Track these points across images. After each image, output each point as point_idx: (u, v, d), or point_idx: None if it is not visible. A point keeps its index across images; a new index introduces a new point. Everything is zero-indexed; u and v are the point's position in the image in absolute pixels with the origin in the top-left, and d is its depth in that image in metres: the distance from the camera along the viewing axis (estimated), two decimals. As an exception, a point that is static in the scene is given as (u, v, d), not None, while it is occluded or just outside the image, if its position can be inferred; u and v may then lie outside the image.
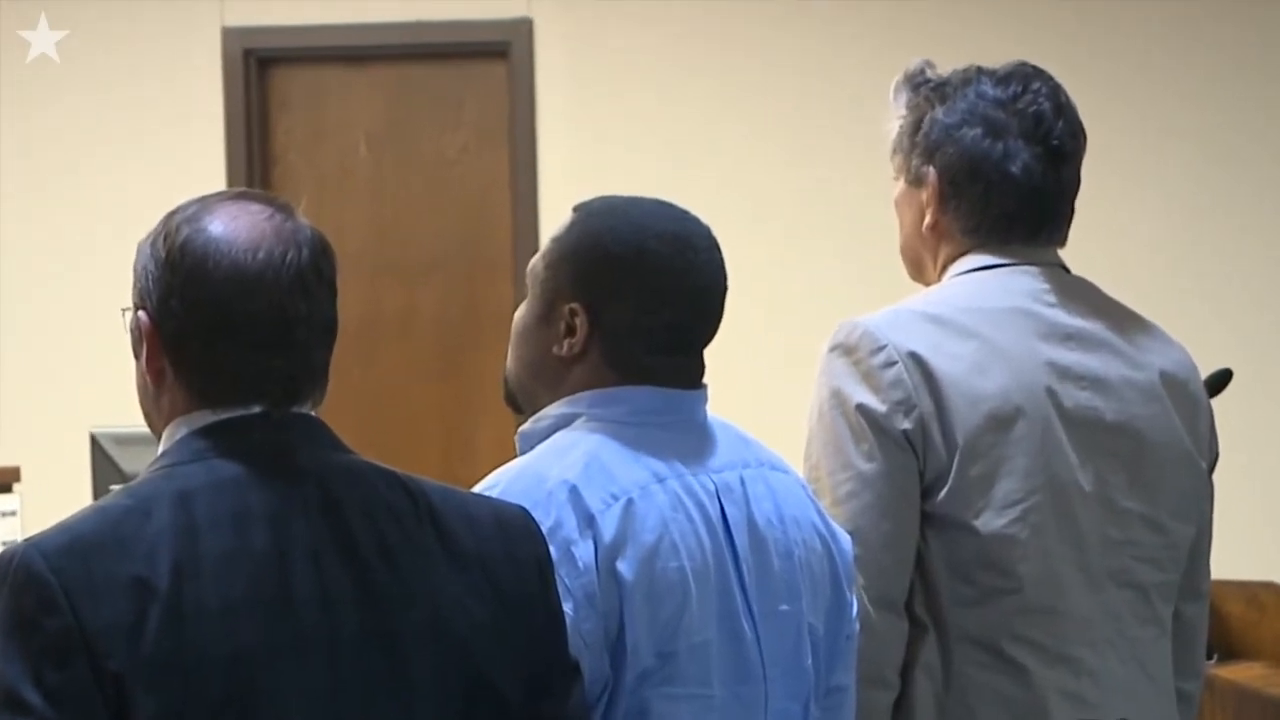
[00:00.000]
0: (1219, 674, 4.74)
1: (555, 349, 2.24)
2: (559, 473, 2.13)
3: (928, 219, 2.60)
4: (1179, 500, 2.57)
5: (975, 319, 2.51)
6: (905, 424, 2.44)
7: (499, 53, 6.31)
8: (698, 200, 2.43)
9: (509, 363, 2.32)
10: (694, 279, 2.22)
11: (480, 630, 1.89)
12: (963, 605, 2.47)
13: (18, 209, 6.39)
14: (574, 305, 2.22)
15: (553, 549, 2.01)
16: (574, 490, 2.11)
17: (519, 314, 2.30)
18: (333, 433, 1.93)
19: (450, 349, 6.39)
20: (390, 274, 6.38)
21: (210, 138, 6.33)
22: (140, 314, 1.90)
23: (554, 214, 5.10)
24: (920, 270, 2.67)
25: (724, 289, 2.26)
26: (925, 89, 2.63)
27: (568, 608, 2.01)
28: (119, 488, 1.90)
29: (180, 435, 1.89)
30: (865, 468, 2.45)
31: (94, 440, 4.06)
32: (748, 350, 5.48)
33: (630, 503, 2.12)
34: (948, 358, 2.47)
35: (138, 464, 3.59)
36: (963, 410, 2.45)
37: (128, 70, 6.34)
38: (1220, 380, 3.14)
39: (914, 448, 2.45)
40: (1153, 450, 2.55)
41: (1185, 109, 6.04)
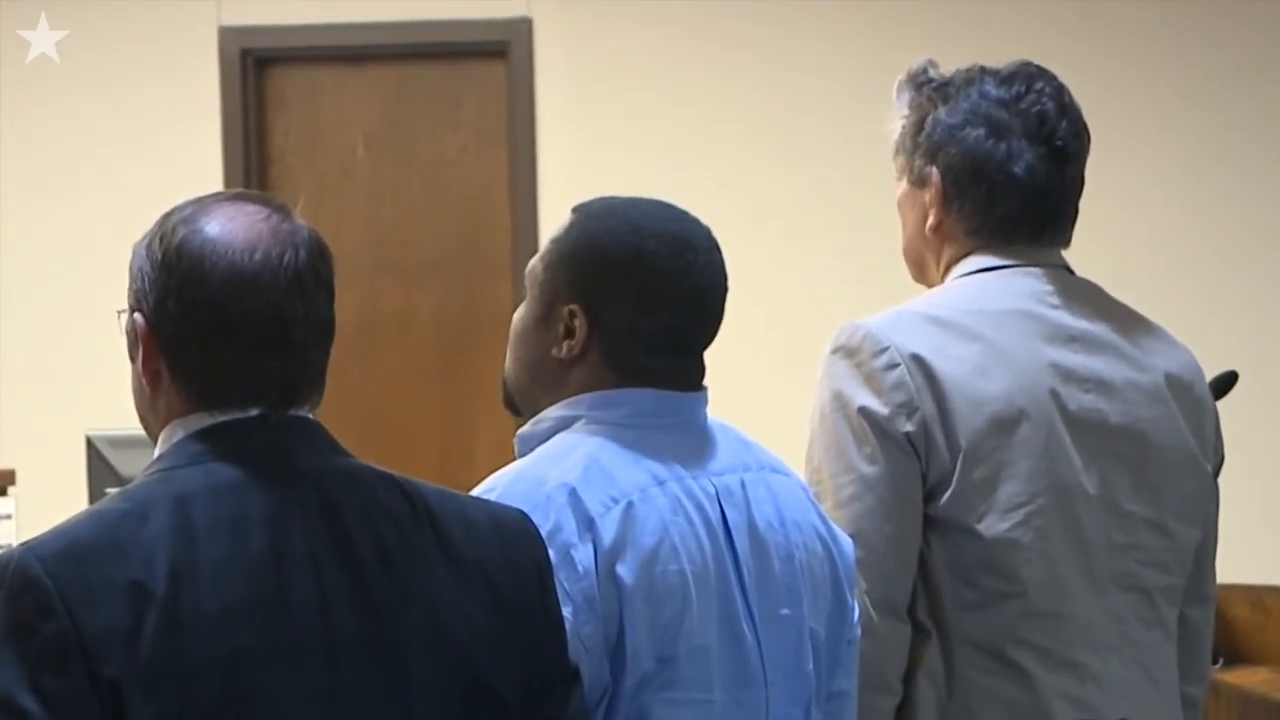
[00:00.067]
0: (1224, 678, 4.75)
1: (554, 351, 2.24)
2: (558, 475, 2.12)
3: (930, 220, 2.60)
4: (1184, 503, 2.57)
5: (978, 321, 2.50)
6: (908, 426, 2.44)
7: (498, 52, 6.30)
8: (698, 200, 2.43)
9: (507, 365, 2.32)
10: (693, 280, 2.22)
11: (479, 635, 1.89)
12: (966, 609, 2.47)
13: (13, 210, 6.38)
14: (573, 307, 2.22)
15: (552, 552, 2.01)
16: (573, 493, 2.10)
17: (517, 316, 2.30)
18: (330, 435, 1.93)
19: (449, 350, 6.38)
20: (388, 275, 6.38)
21: (207, 138, 6.32)
22: (136, 316, 1.90)
23: (553, 214, 5.10)
24: (923, 271, 2.67)
25: (724, 290, 2.25)
26: (928, 89, 2.62)
27: (567, 612, 2.01)
28: (115, 491, 1.90)
29: (177, 438, 1.89)
30: (867, 471, 2.45)
31: (90, 443, 4.05)
32: (748, 352, 5.47)
33: (630, 506, 2.12)
34: (951, 360, 2.46)
35: (134, 467, 3.58)
36: (966, 413, 2.45)
37: (124, 70, 6.34)
38: (1225, 382, 3.14)
39: (916, 450, 2.45)
40: (1157, 453, 2.54)
41: (1186, 108, 6.03)
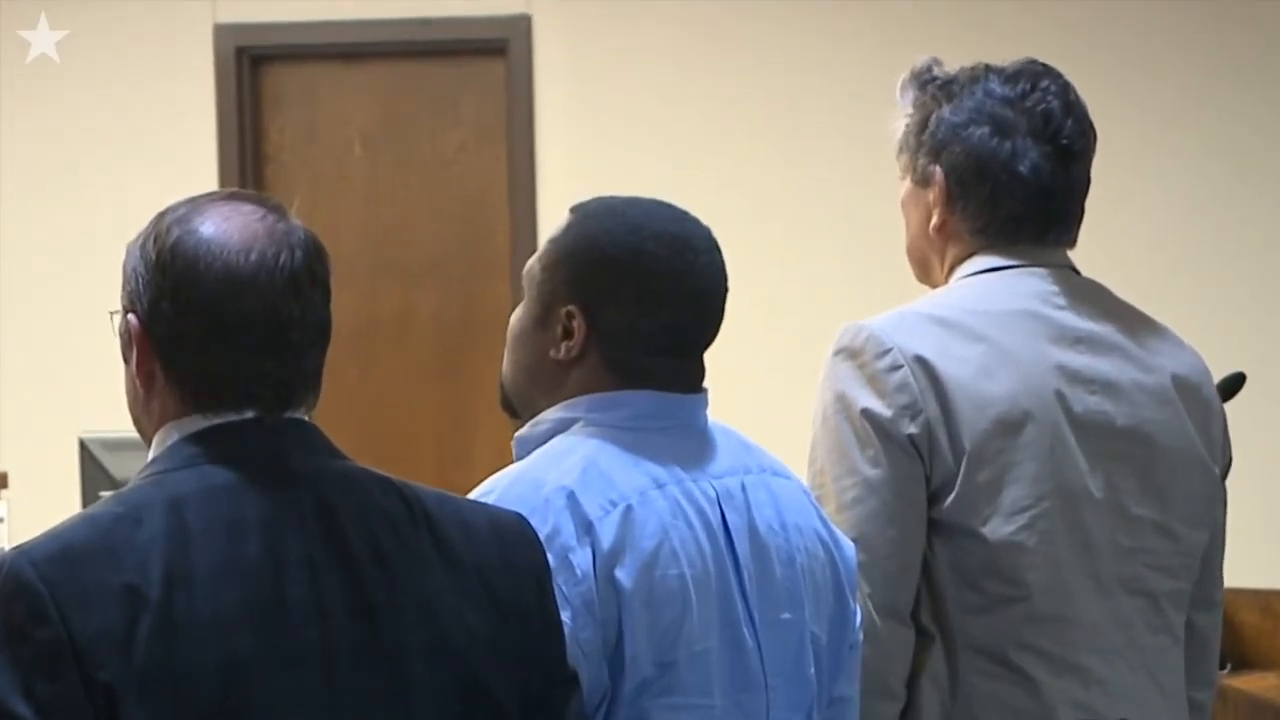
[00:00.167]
0: (1232, 684, 4.75)
1: (552, 352, 2.24)
2: (556, 478, 2.12)
3: (935, 219, 2.60)
4: (1191, 506, 2.57)
5: (983, 322, 2.50)
6: (911, 429, 2.44)
7: (497, 50, 6.30)
8: (698, 200, 2.43)
9: (505, 366, 2.32)
10: (693, 280, 2.22)
11: (477, 639, 1.89)
12: (970, 613, 2.47)
13: (10, 210, 6.38)
14: (571, 308, 2.22)
15: (550, 556, 2.00)
16: (572, 496, 2.11)
17: (515, 317, 2.30)
18: (327, 438, 1.93)
19: (447, 352, 6.38)
20: (386, 275, 6.38)
21: (202, 137, 6.32)
22: (130, 317, 1.90)
23: (553, 214, 5.09)
24: (927, 271, 2.67)
25: (724, 290, 2.25)
26: (932, 87, 2.62)
27: (565, 616, 2.01)
28: (109, 494, 1.90)
29: (171, 441, 1.89)
30: (870, 473, 2.45)
31: (83, 445, 4.05)
32: (748, 353, 5.47)
33: (629, 509, 2.12)
34: (955, 361, 2.46)
35: (128, 470, 3.59)
36: (970, 415, 2.45)
37: (120, 69, 6.34)
38: (1233, 384, 3.13)
39: (920, 453, 2.45)
40: (1164, 455, 2.54)
41: (1190, 108, 6.03)
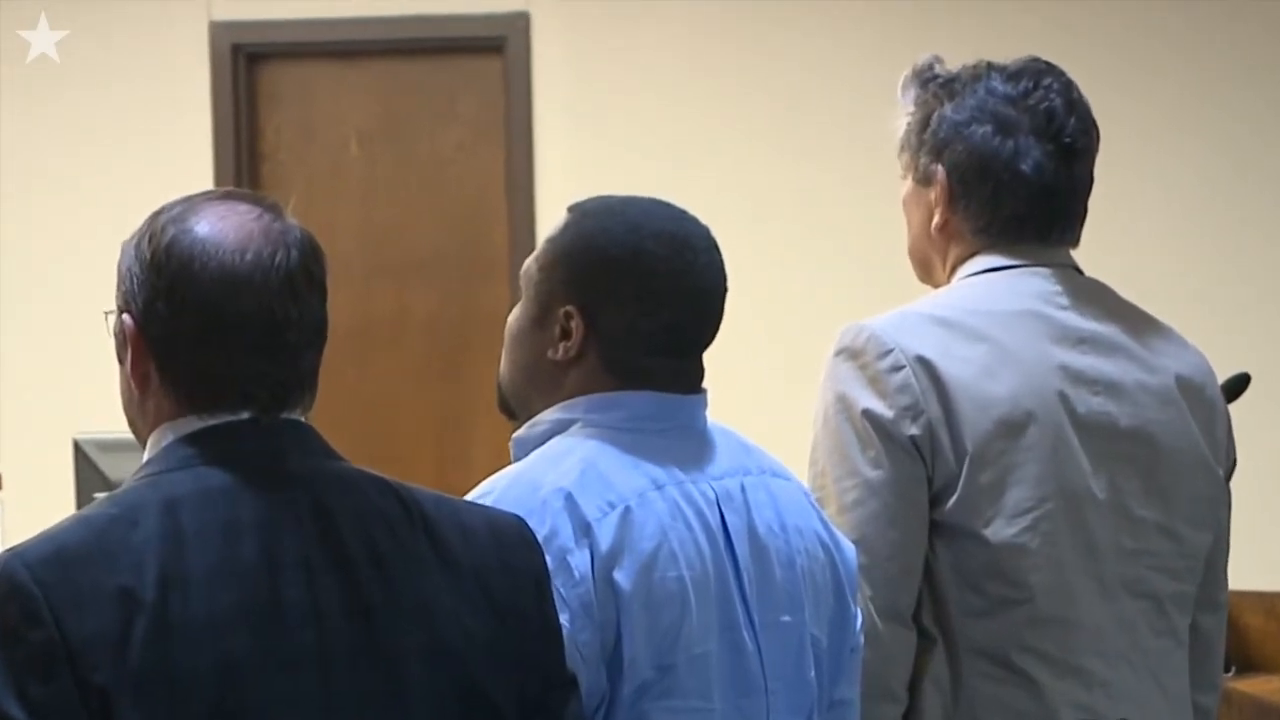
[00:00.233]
0: (1237, 687, 4.75)
1: (550, 353, 2.24)
2: (554, 480, 2.13)
3: (936, 219, 2.60)
4: (1195, 508, 2.57)
5: (985, 322, 2.51)
6: (913, 430, 2.44)
7: (495, 48, 6.30)
8: (697, 200, 2.43)
9: (502, 367, 2.32)
10: (692, 280, 2.22)
11: (475, 641, 1.89)
12: (972, 616, 2.47)
13: (4, 210, 6.38)
14: (569, 308, 2.22)
15: (548, 558, 2.00)
16: (570, 498, 2.11)
17: (513, 317, 2.30)
18: (323, 439, 1.93)
19: (445, 352, 6.38)
20: (383, 275, 6.37)
21: (197, 135, 6.32)
22: (125, 317, 1.90)
23: (551, 213, 5.08)
24: (929, 271, 2.67)
25: (724, 290, 2.26)
26: (934, 85, 2.63)
27: (564, 619, 2.01)
28: (104, 496, 1.90)
29: (166, 442, 1.89)
30: (872, 475, 2.45)
31: (77, 447, 4.05)
32: (747, 353, 5.47)
33: (628, 511, 2.12)
34: (957, 362, 2.47)
35: (123, 471, 3.59)
36: (972, 416, 2.45)
37: (115, 67, 6.33)
38: (1238, 385, 3.14)
39: (922, 454, 2.45)
40: (1168, 456, 2.55)
41: (1194, 107, 6.03)
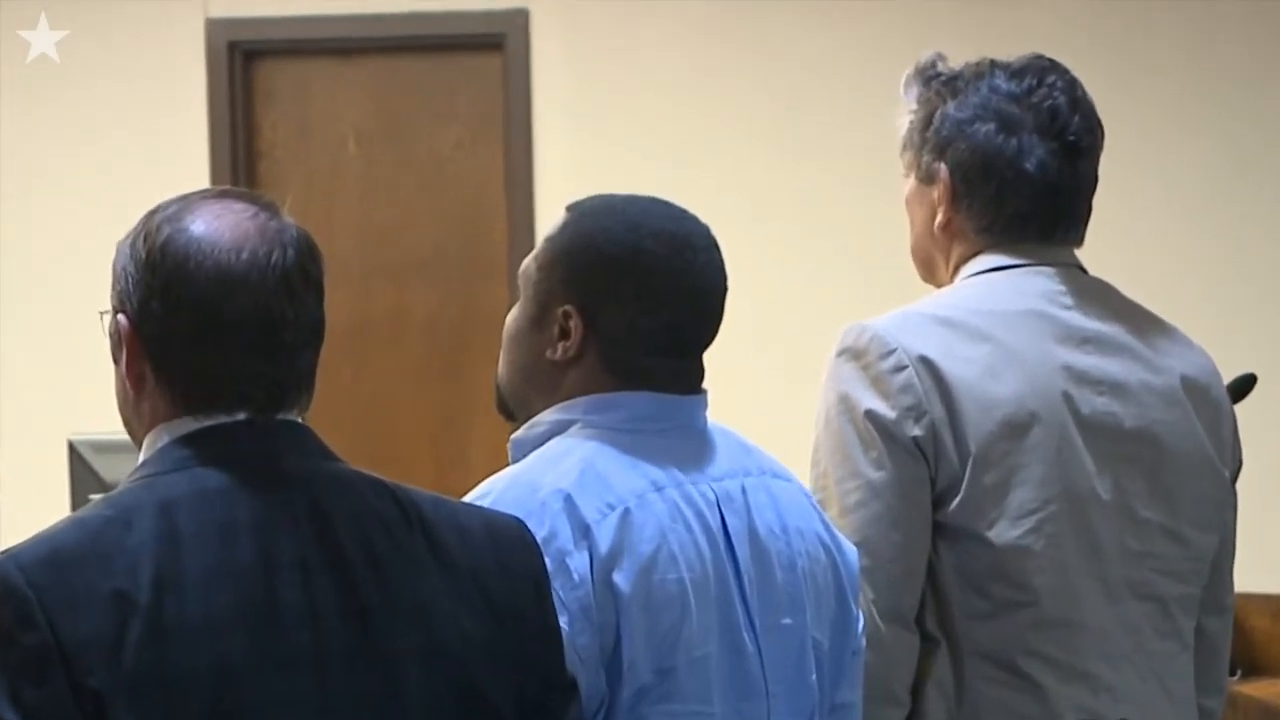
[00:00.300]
0: (1242, 690, 4.76)
1: (549, 353, 2.24)
2: (553, 481, 2.13)
3: (939, 218, 2.60)
4: (1200, 509, 2.58)
5: (988, 321, 2.51)
6: (916, 431, 2.44)
7: (494, 45, 6.30)
8: (697, 199, 2.43)
9: (501, 368, 2.32)
10: (692, 279, 2.22)
11: (473, 644, 1.89)
12: (976, 619, 2.47)
13: (6, 211, 6.38)
14: (568, 308, 2.22)
15: (547, 560, 2.01)
16: (569, 499, 2.11)
17: (511, 317, 2.30)
18: (320, 440, 1.93)
19: (443, 352, 6.38)
20: (381, 275, 6.38)
21: (193, 133, 6.32)
22: (120, 317, 1.90)
23: (551, 212, 5.08)
24: (931, 271, 2.67)
25: (724, 289, 2.26)
26: (936, 83, 2.63)
27: (562, 621, 2.01)
28: (99, 498, 1.90)
29: (162, 443, 1.89)
30: (874, 476, 2.45)
31: (72, 448, 4.05)
32: (748, 353, 5.48)
33: (627, 512, 2.12)
34: (960, 362, 2.47)
35: (118, 473, 3.58)
36: (975, 416, 2.45)
37: (113, 66, 6.33)
38: (1244, 385, 3.13)
39: (925, 455, 2.45)
40: (1173, 458, 2.55)
41: (1199, 106, 6.03)
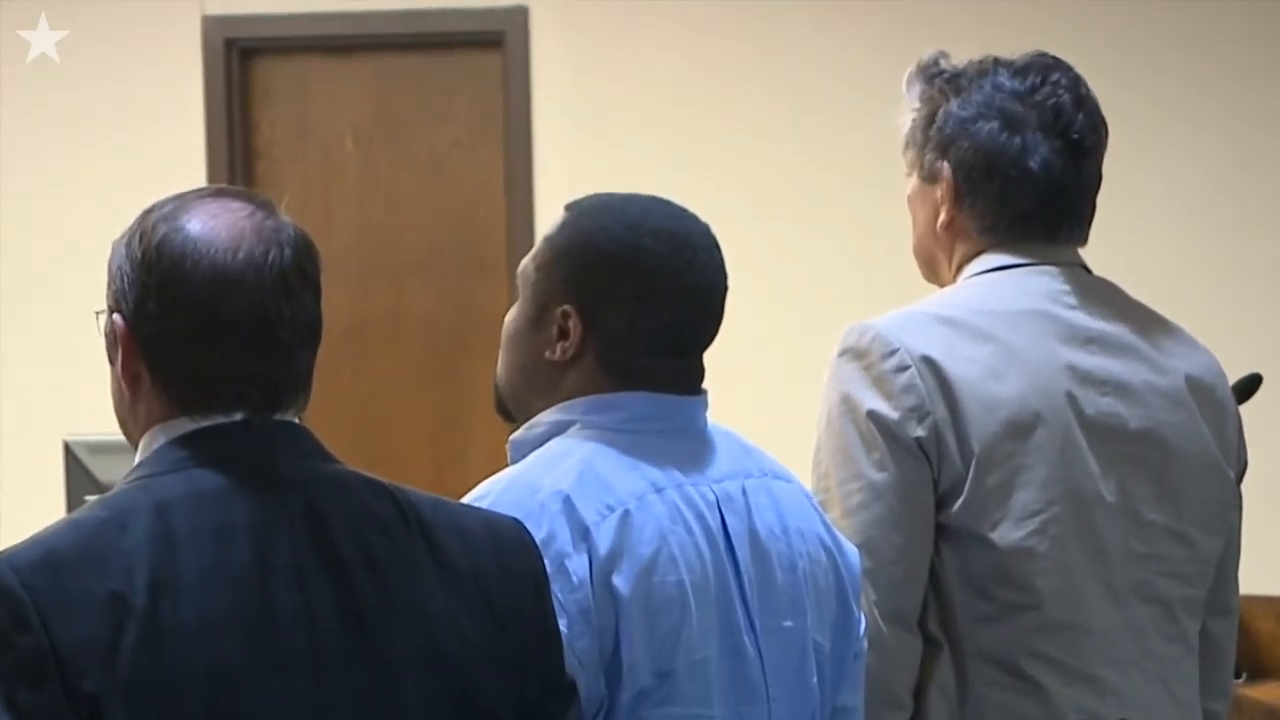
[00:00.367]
0: (1248, 693, 4.75)
1: (548, 353, 2.24)
2: (552, 482, 2.12)
3: (942, 217, 2.60)
4: (1206, 511, 2.57)
5: (991, 321, 2.50)
6: (918, 431, 2.44)
7: (493, 42, 6.30)
8: (697, 198, 2.43)
9: (499, 368, 2.32)
10: (692, 278, 2.22)
11: (472, 647, 1.89)
12: (979, 621, 2.47)
13: (2, 211, 6.38)
14: (567, 308, 2.22)
15: (546, 562, 2.00)
16: (568, 501, 2.11)
17: (510, 317, 2.30)
18: (317, 441, 1.93)
19: (442, 352, 6.38)
20: (379, 274, 6.38)
21: (190, 131, 6.32)
22: (115, 317, 1.90)
23: (550, 211, 5.07)
24: (934, 270, 2.67)
25: (724, 289, 2.25)
26: (939, 81, 2.62)
27: (561, 623, 2.01)
28: (94, 499, 1.90)
29: (158, 444, 1.89)
30: (876, 477, 2.45)
31: (68, 449, 4.06)
32: (748, 353, 5.47)
33: (627, 514, 2.12)
34: (963, 362, 2.47)
35: (114, 474, 3.59)
36: (979, 417, 2.45)
37: (110, 64, 6.33)
38: (1249, 385, 3.13)
39: (928, 456, 2.45)
40: (1178, 459, 2.55)
41: (1203, 104, 6.03)
